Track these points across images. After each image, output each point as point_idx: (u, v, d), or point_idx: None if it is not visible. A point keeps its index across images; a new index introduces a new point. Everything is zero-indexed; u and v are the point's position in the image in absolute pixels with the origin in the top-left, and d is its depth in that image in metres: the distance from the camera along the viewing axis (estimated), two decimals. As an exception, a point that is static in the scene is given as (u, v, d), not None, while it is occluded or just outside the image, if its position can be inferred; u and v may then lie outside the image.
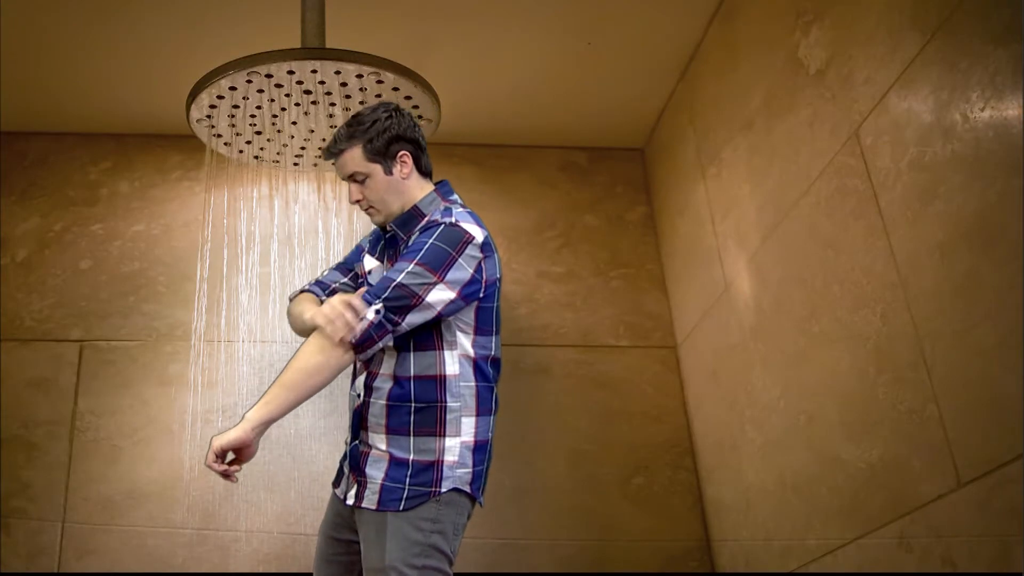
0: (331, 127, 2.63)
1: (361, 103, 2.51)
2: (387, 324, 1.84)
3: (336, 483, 2.05)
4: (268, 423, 1.84)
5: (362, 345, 1.85)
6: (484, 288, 1.96)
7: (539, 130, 3.80)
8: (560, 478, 3.36)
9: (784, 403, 2.70)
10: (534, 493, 3.32)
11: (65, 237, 3.53)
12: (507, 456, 3.14)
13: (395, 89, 2.50)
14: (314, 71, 2.42)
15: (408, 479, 1.87)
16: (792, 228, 2.64)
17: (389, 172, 2.02)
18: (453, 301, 1.90)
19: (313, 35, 2.56)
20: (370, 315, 1.83)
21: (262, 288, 3.38)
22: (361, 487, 1.91)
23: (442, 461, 1.88)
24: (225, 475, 1.84)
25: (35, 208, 3.56)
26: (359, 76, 2.44)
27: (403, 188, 2.04)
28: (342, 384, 2.13)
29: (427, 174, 2.10)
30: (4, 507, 3.11)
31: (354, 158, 2.01)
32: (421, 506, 1.85)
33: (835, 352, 2.41)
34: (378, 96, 2.50)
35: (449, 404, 1.91)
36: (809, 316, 2.54)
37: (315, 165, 2.89)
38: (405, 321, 1.86)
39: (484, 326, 1.98)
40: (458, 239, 1.92)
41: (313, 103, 2.55)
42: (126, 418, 3.27)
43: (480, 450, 1.94)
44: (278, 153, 2.79)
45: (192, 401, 3.24)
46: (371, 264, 2.13)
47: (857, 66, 2.29)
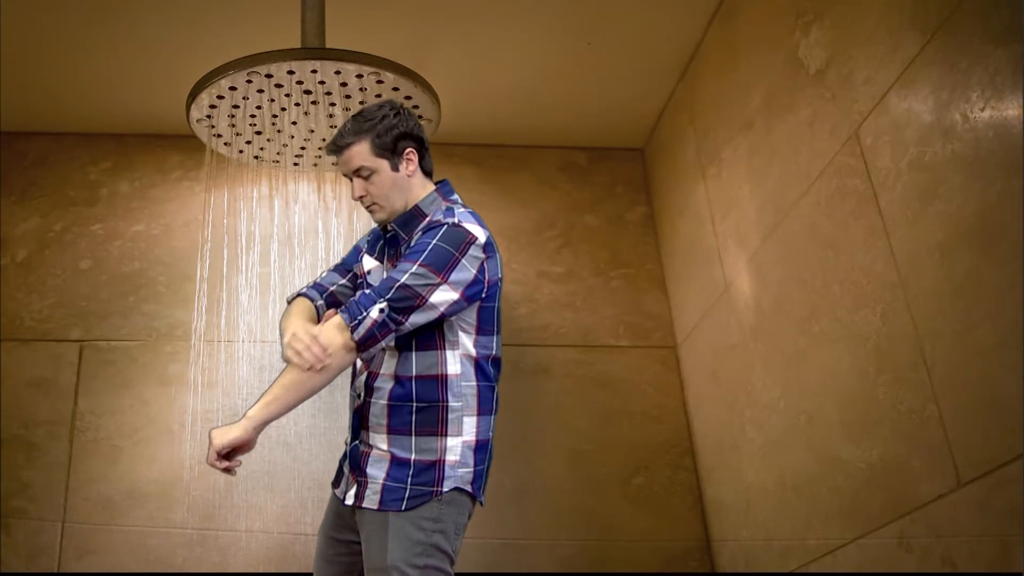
0: (331, 127, 2.63)
1: (361, 103, 2.51)
2: (391, 324, 1.85)
3: (335, 483, 2.05)
4: (269, 422, 1.86)
5: (365, 344, 1.85)
6: (486, 288, 1.96)
7: (539, 130, 3.80)
8: (560, 478, 3.36)
9: (784, 403, 2.70)
10: (534, 493, 3.32)
11: (65, 237, 3.53)
12: (507, 456, 3.14)
13: (395, 89, 2.50)
14: (314, 71, 2.42)
15: (410, 479, 1.87)
16: (792, 228, 2.64)
17: (396, 169, 2.02)
18: (456, 302, 1.90)
19: (313, 35, 2.57)
20: (374, 314, 1.84)
21: (262, 288, 3.38)
22: (362, 487, 1.91)
23: (444, 461, 1.89)
24: (227, 470, 1.86)
25: (35, 208, 3.56)
26: (359, 76, 2.44)
27: (407, 186, 2.04)
28: (342, 384, 2.13)
29: (428, 174, 2.11)
30: (4, 507, 3.11)
31: (361, 152, 2.00)
32: (423, 506, 1.85)
33: (835, 352, 2.41)
34: (378, 96, 2.50)
35: (451, 404, 1.91)
36: (809, 316, 2.54)
37: (315, 165, 2.89)
38: (408, 321, 1.86)
39: (486, 326, 1.99)
40: (461, 240, 1.93)
41: (313, 103, 2.55)
42: (126, 418, 3.27)
43: (481, 449, 1.94)
44: (278, 153, 2.79)
45: (192, 401, 3.24)
46: (370, 264, 2.13)
47: (857, 66, 2.29)
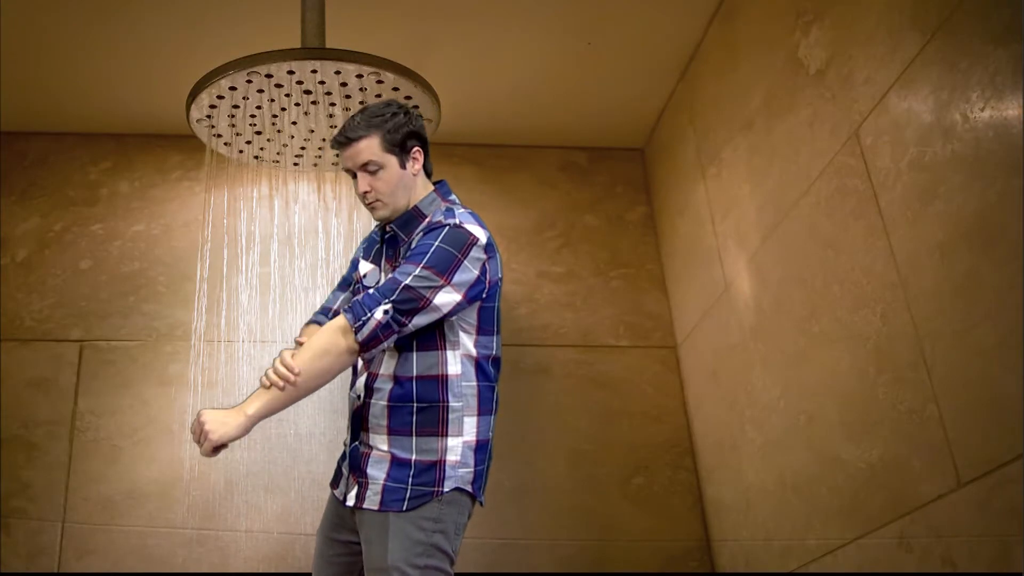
0: (331, 127, 2.63)
1: (361, 103, 2.50)
2: (394, 325, 1.85)
3: (334, 484, 2.05)
4: (266, 417, 1.85)
5: (368, 344, 1.85)
6: (487, 289, 1.97)
7: (539, 130, 3.80)
8: (560, 478, 3.36)
9: (784, 403, 2.70)
10: (534, 493, 3.32)
11: (65, 237, 3.52)
12: (507, 456, 3.14)
13: (395, 89, 2.49)
14: (314, 71, 2.42)
15: (411, 479, 1.87)
16: (792, 228, 2.64)
17: (403, 166, 2.03)
18: (459, 303, 1.91)
19: (313, 35, 2.56)
20: (378, 315, 1.84)
21: (262, 288, 3.38)
22: (362, 488, 1.91)
23: (444, 461, 1.89)
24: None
25: (35, 208, 3.56)
26: (359, 76, 2.44)
27: (411, 184, 2.05)
28: (342, 384, 2.13)
29: (429, 175, 2.12)
30: (4, 507, 3.10)
31: (371, 147, 2.00)
32: (423, 506, 1.85)
33: (835, 352, 2.41)
34: (378, 96, 2.50)
35: (451, 404, 1.91)
36: (809, 316, 2.54)
37: (315, 165, 2.89)
38: (412, 322, 1.87)
39: (486, 326, 1.99)
40: (463, 241, 1.93)
41: (313, 103, 2.55)
42: (126, 418, 3.27)
43: (481, 449, 1.94)
44: (278, 153, 2.78)
45: (192, 401, 3.24)
46: (366, 268, 2.13)
47: (857, 66, 2.29)
